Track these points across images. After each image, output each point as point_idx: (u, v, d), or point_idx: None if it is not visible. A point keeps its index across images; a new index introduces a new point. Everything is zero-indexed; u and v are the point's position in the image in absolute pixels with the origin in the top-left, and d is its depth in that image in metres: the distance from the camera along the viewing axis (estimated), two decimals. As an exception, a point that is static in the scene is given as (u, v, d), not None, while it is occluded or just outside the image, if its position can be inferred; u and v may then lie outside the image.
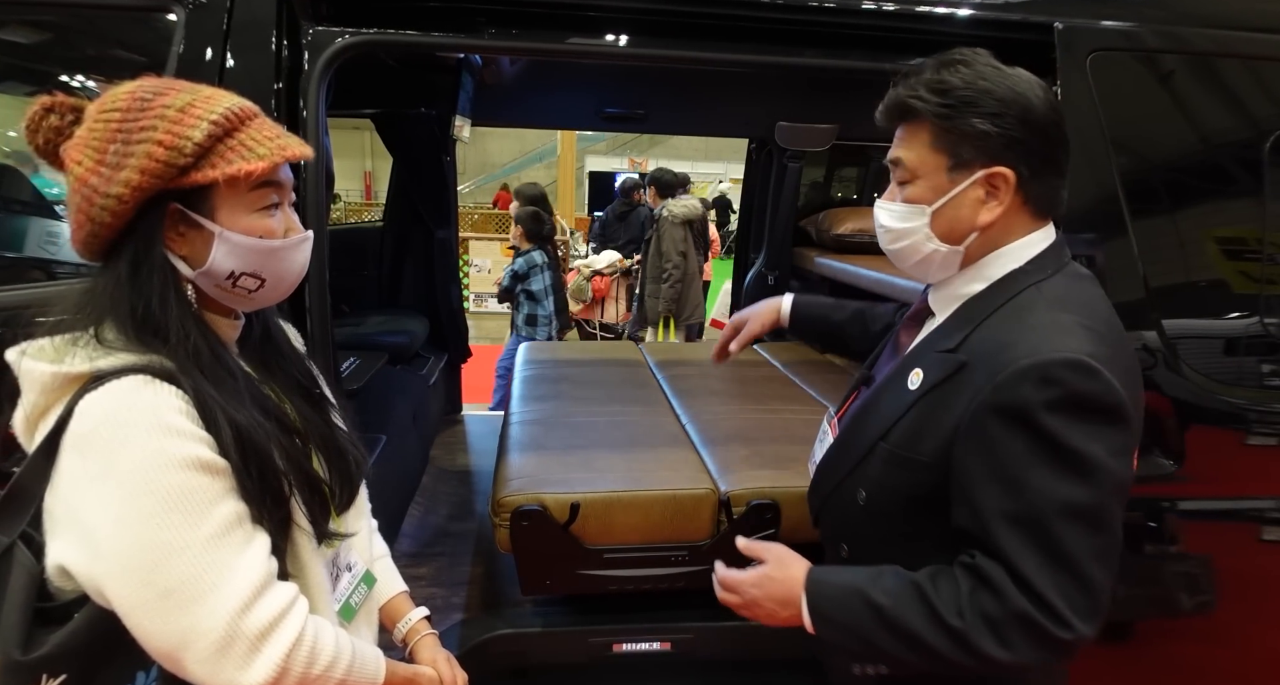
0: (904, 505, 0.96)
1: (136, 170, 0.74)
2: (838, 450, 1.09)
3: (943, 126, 0.90)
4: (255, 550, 0.77)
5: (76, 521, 0.73)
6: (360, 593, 0.98)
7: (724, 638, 1.80)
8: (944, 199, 0.92)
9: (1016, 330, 0.88)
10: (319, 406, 0.96)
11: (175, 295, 0.79)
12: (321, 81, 1.36)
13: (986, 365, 0.87)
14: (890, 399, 0.99)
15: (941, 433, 0.90)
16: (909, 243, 0.96)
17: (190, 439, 0.74)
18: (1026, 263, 0.95)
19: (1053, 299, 0.91)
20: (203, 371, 0.79)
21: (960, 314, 0.97)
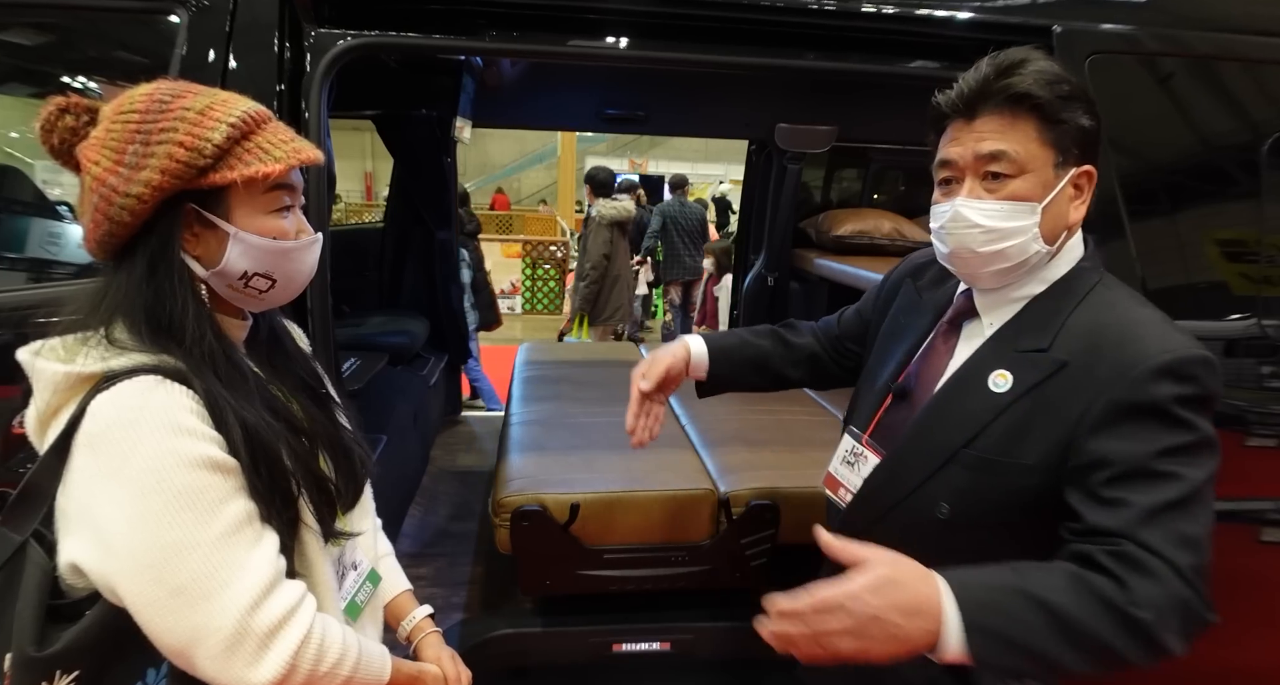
0: (998, 513, 0.92)
1: (157, 170, 0.76)
2: (896, 465, 1.02)
3: (1052, 119, 0.88)
4: (264, 548, 0.78)
5: (89, 520, 0.74)
6: (366, 591, 0.99)
7: (723, 638, 1.81)
8: (1051, 195, 0.90)
9: (1125, 326, 0.89)
10: (324, 406, 0.97)
11: (191, 295, 0.81)
12: (323, 83, 1.36)
13: (1109, 360, 0.86)
14: (968, 404, 0.95)
15: (1053, 432, 0.88)
16: (1015, 244, 0.91)
17: (201, 438, 0.75)
18: (1082, 260, 0.96)
19: (1130, 294, 0.94)
20: (216, 371, 0.80)
21: (1031, 316, 0.95)
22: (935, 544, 0.95)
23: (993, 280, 0.96)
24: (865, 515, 1.06)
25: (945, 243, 0.96)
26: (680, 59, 1.51)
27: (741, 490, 1.79)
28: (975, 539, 0.93)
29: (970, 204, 0.91)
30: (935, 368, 1.04)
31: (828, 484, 1.16)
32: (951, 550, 0.92)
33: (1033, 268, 0.94)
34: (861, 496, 1.07)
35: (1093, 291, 0.93)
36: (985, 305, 1.01)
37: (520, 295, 8.90)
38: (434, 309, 3.29)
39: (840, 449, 1.15)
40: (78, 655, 0.75)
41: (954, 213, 0.93)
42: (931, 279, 1.16)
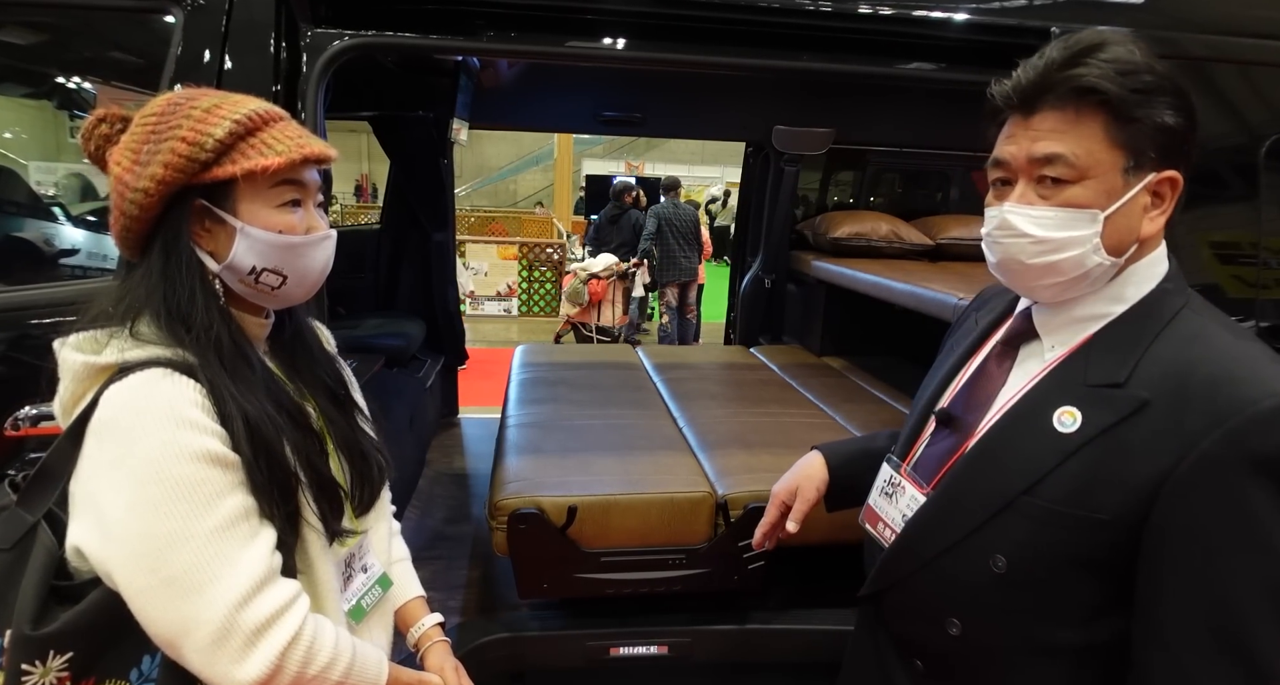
0: (1063, 571, 0.80)
1: (161, 165, 0.79)
2: (943, 508, 0.90)
3: (1125, 117, 0.76)
4: (259, 545, 0.78)
5: (92, 505, 0.76)
6: (374, 594, 0.98)
7: (722, 641, 1.80)
8: (1118, 204, 0.78)
9: (1219, 361, 0.75)
10: (344, 409, 0.97)
11: (201, 286, 0.83)
12: (320, 83, 1.36)
13: (1199, 405, 0.73)
14: (1030, 445, 0.82)
15: (1130, 485, 0.75)
16: (1071, 256, 0.79)
17: (203, 432, 0.77)
18: (1164, 281, 0.83)
19: (1223, 323, 0.80)
20: (221, 360, 0.81)
21: (1106, 342, 0.82)
22: (985, 602, 0.86)
23: (1051, 294, 0.84)
24: (907, 561, 0.93)
25: (993, 252, 0.85)
26: (677, 60, 1.51)
27: (739, 493, 1.78)
28: (1033, 599, 0.82)
29: (1019, 210, 0.80)
30: (985, 393, 0.92)
31: (867, 518, 1.04)
32: (1003, 610, 0.85)
33: (1098, 281, 0.82)
34: (905, 537, 0.94)
35: (1178, 318, 0.79)
36: (1046, 325, 0.88)
37: (516, 297, 8.89)
38: (430, 311, 3.28)
39: (879, 478, 1.04)
40: (72, 637, 0.76)
41: (1001, 219, 0.82)
42: (991, 307, 1.04)
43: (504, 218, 13.52)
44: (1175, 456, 0.72)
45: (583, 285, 6.84)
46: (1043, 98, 0.79)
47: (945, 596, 0.90)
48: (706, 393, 2.67)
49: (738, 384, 2.86)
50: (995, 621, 0.86)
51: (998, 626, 0.86)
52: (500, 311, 8.85)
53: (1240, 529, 0.70)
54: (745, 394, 2.67)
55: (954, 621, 0.88)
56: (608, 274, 6.82)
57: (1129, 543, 0.76)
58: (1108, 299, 0.83)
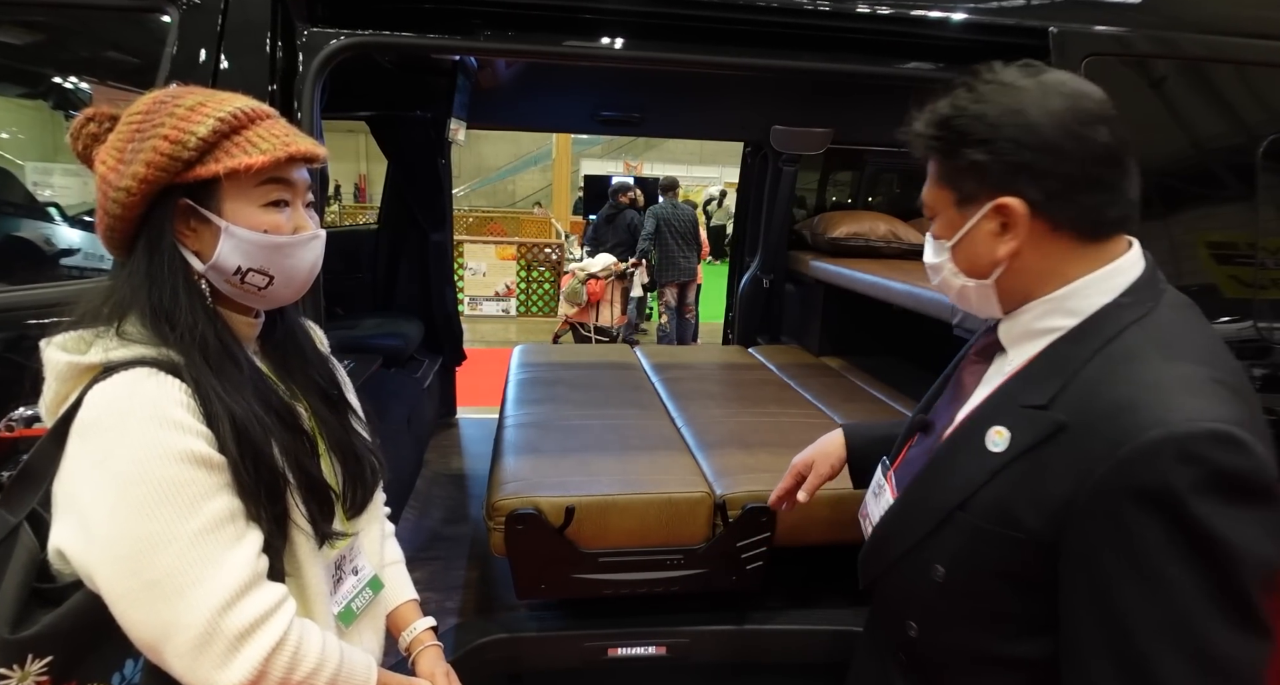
0: (993, 585, 0.82)
1: (142, 163, 0.78)
2: (901, 514, 0.95)
3: (947, 158, 0.85)
4: (245, 548, 0.77)
5: (74, 507, 0.75)
6: (364, 597, 0.97)
7: (720, 641, 1.80)
8: (958, 235, 0.86)
9: (1132, 387, 0.73)
10: (337, 410, 0.97)
11: (186, 285, 0.82)
12: (316, 83, 1.35)
13: (1101, 431, 0.72)
14: (966, 461, 0.85)
15: (1044, 506, 0.76)
16: (941, 278, 0.91)
17: (188, 433, 0.75)
18: (1121, 294, 0.81)
19: (1166, 342, 0.77)
20: (207, 360, 0.80)
21: (1048, 359, 0.83)
22: (931, 607, 0.90)
23: (975, 313, 0.93)
24: (876, 562, 0.98)
25: None
26: (676, 60, 1.51)
27: (737, 493, 1.78)
28: (973, 608, 0.85)
29: (928, 241, 0.94)
30: (956, 404, 0.95)
31: (862, 512, 1.09)
32: (947, 616, 0.88)
33: (982, 300, 0.88)
34: (875, 538, 1.00)
35: (1121, 336, 0.78)
36: (1006, 336, 0.90)
37: (515, 298, 8.89)
38: (428, 311, 3.28)
39: (873, 478, 1.08)
40: (52, 640, 0.75)
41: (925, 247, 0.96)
42: None
43: (502, 218, 13.52)
44: (1079, 482, 0.73)
45: (581, 285, 6.84)
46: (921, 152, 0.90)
47: (901, 600, 0.94)
48: (705, 393, 2.66)
49: (736, 384, 2.85)
50: (941, 628, 0.90)
51: (944, 633, 0.89)
52: (498, 312, 8.85)
53: (1131, 560, 0.70)
54: (744, 394, 2.67)
55: (911, 624, 0.92)
56: (606, 274, 6.82)
57: (1048, 563, 0.76)
58: (1058, 311, 0.83)
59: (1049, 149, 0.78)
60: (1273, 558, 0.69)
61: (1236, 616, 0.68)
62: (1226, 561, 0.68)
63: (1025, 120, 0.79)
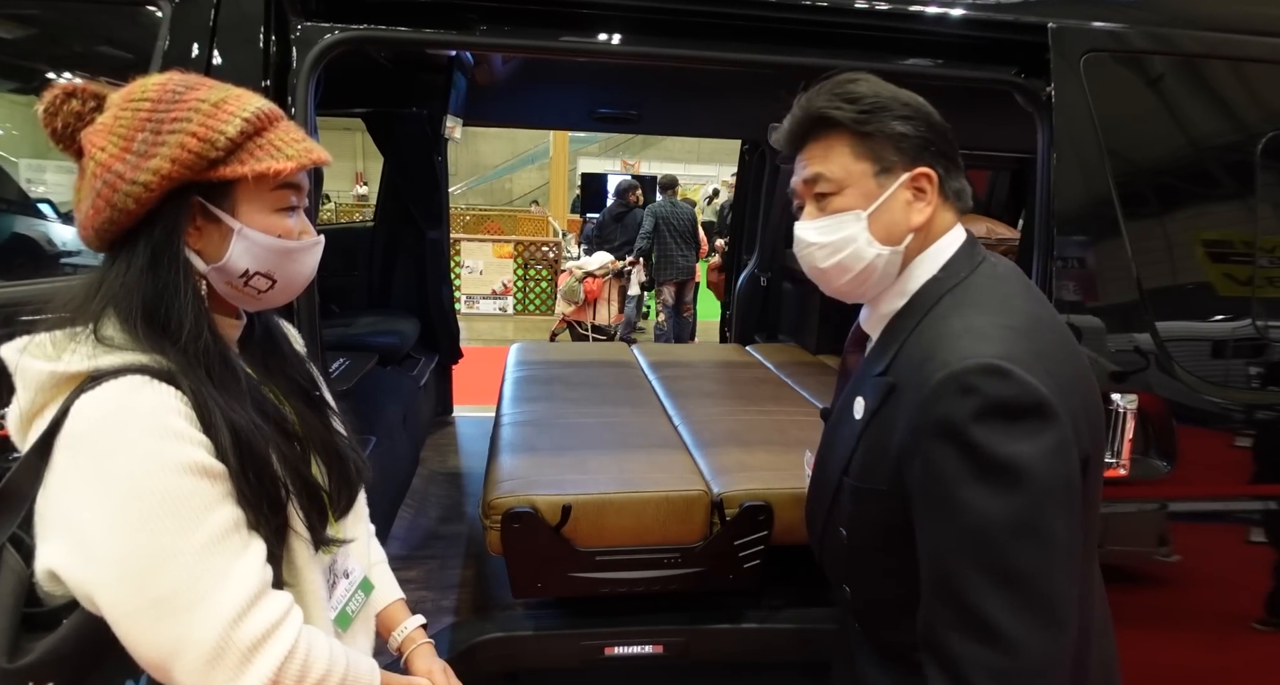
0: (882, 537, 0.92)
1: (168, 159, 0.75)
2: (813, 490, 1.07)
3: (862, 133, 0.90)
4: (251, 558, 0.75)
5: (68, 525, 0.72)
6: (357, 600, 0.96)
7: (717, 640, 1.79)
8: (877, 203, 0.91)
9: (933, 342, 0.86)
10: (319, 410, 0.95)
11: (191, 288, 0.79)
12: (310, 78, 1.34)
13: (913, 383, 0.85)
14: (843, 432, 0.97)
15: (889, 460, 0.88)
16: (849, 252, 0.93)
17: (188, 442, 0.73)
18: (939, 270, 0.93)
19: (968, 303, 0.89)
20: (210, 371, 0.78)
21: (885, 334, 0.96)
22: (851, 568, 1.00)
23: (853, 293, 0.97)
24: (812, 538, 1.08)
25: (801, 265, 1.00)
26: (674, 56, 1.50)
27: (735, 491, 1.77)
28: (878, 563, 0.95)
29: (805, 225, 0.96)
30: (843, 389, 1.06)
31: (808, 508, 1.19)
32: (864, 574, 0.98)
33: (888, 272, 0.94)
34: (806, 518, 1.11)
35: (938, 304, 0.90)
36: (868, 324, 1.01)
37: (512, 296, 8.87)
38: (425, 309, 3.27)
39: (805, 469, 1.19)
40: (52, 666, 0.72)
41: (796, 236, 0.98)
42: None
43: (499, 216, 13.50)
44: (906, 429, 0.85)
45: (578, 284, 6.83)
46: (802, 137, 0.95)
47: (833, 566, 1.05)
48: (702, 391, 2.66)
49: (733, 382, 2.85)
50: (862, 584, 0.99)
51: (866, 588, 0.99)
52: (495, 310, 8.83)
53: (935, 489, 0.81)
54: (741, 392, 2.66)
55: (845, 588, 1.02)
56: (603, 272, 6.81)
57: (907, 508, 0.86)
58: (896, 294, 0.95)
59: (943, 133, 0.93)
60: (1054, 472, 0.79)
61: (1026, 529, 0.78)
62: (1009, 478, 0.77)
63: (928, 108, 0.92)
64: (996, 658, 0.78)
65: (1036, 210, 1.47)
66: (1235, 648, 1.61)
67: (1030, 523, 0.78)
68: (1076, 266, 1.43)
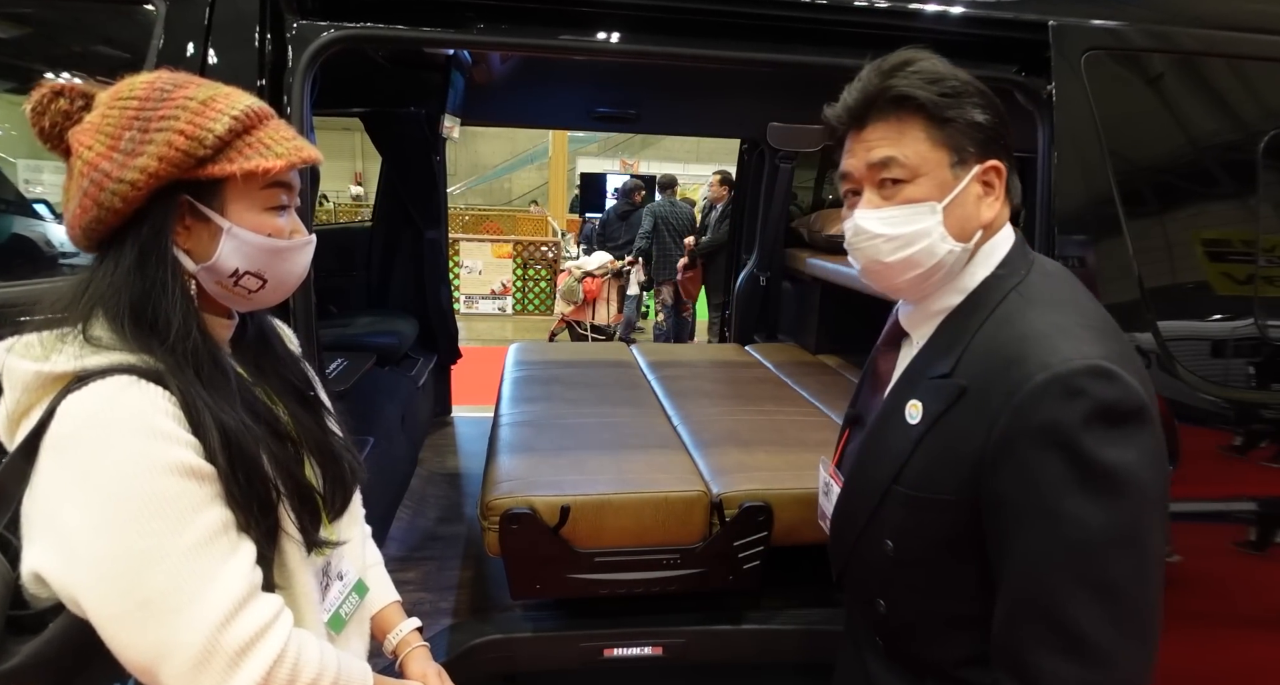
0: (939, 550, 0.88)
1: (155, 157, 0.74)
2: (848, 499, 1.00)
3: (942, 118, 0.84)
4: (239, 560, 0.74)
5: (53, 527, 0.71)
6: (351, 602, 0.96)
7: (716, 642, 1.78)
8: (952, 195, 0.86)
9: (1016, 342, 0.81)
10: (314, 410, 0.94)
11: (180, 288, 0.78)
12: (306, 77, 1.33)
13: (997, 386, 0.80)
14: (892, 437, 0.91)
15: (962, 467, 0.82)
16: (922, 247, 0.86)
17: (176, 443, 0.72)
18: (998, 267, 0.89)
19: (1041, 301, 0.85)
20: (199, 372, 0.77)
21: (943, 333, 0.90)
22: (891, 581, 0.94)
23: (912, 291, 0.91)
24: (839, 551, 1.03)
25: (856, 258, 0.92)
26: (673, 54, 1.49)
27: (734, 492, 1.76)
28: (928, 577, 0.90)
29: (869, 214, 0.88)
30: (877, 392, 1.00)
31: (819, 516, 1.14)
32: (907, 588, 0.93)
33: (954, 270, 0.89)
34: (832, 528, 1.05)
35: (1004, 302, 0.86)
36: (910, 322, 0.96)
37: (511, 296, 8.86)
38: (423, 309, 3.26)
39: (819, 480, 1.15)
40: (37, 670, 0.72)
41: (854, 227, 0.89)
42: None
43: (498, 216, 13.48)
44: (986, 436, 0.80)
45: (578, 283, 6.82)
46: (870, 112, 0.87)
47: (865, 580, 0.99)
48: (701, 391, 2.65)
49: (733, 382, 2.84)
50: (904, 599, 0.94)
51: (908, 604, 0.94)
52: (494, 310, 8.82)
53: (1033, 499, 0.76)
54: (740, 392, 2.66)
55: (879, 601, 0.96)
56: (602, 272, 6.81)
57: (976, 520, 0.82)
58: (952, 291, 0.90)
59: (1007, 122, 0.87)
60: (1154, 479, 0.76)
61: (1130, 542, 0.74)
62: (1114, 487, 0.74)
63: (992, 93, 0.87)
64: (1090, 674, 0.74)
65: (1037, 209, 1.47)
66: (1239, 650, 1.60)
67: (1132, 532, 0.75)
68: (1077, 265, 1.42)
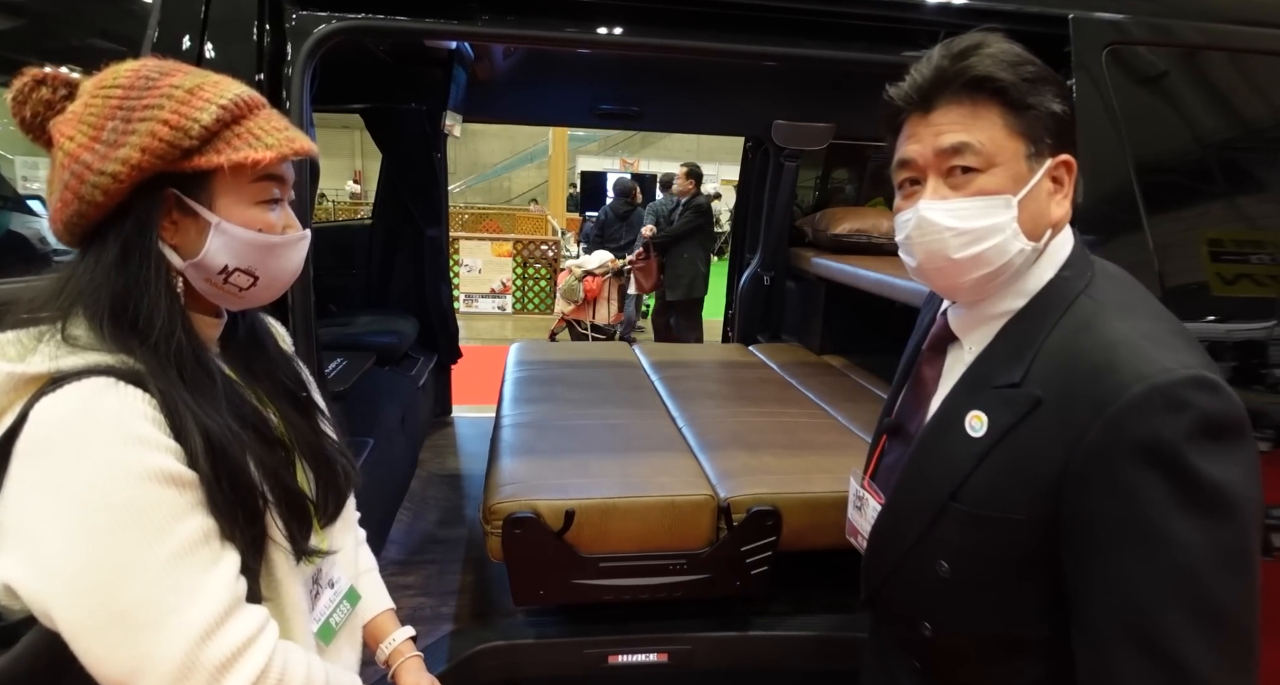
0: (1001, 571, 0.82)
1: (138, 148, 0.71)
2: (891, 517, 0.94)
3: (1021, 104, 0.77)
4: (222, 571, 0.71)
5: (25, 536, 0.67)
6: (342, 611, 0.92)
7: (723, 648, 1.75)
8: (1027, 188, 0.79)
9: (1103, 350, 0.74)
10: (307, 413, 0.91)
11: (165, 286, 0.75)
12: (306, 69, 1.29)
13: (1083, 396, 0.73)
14: (949, 450, 0.84)
15: (1036, 483, 0.76)
16: (993, 244, 0.78)
17: (156, 448, 0.68)
18: (1062, 269, 0.83)
19: (1116, 306, 0.79)
20: (182, 373, 0.73)
21: (1006, 340, 0.83)
22: (942, 604, 0.88)
23: (973, 292, 0.84)
24: (878, 570, 0.97)
25: (914, 254, 0.84)
26: (678, 46, 1.45)
27: (742, 495, 1.73)
28: (983, 601, 0.84)
29: (935, 206, 0.80)
30: (921, 400, 0.94)
31: (849, 531, 1.08)
32: (961, 610, 0.87)
33: (1021, 270, 0.82)
34: (870, 547, 0.99)
35: (1074, 306, 0.80)
36: (962, 326, 0.90)
37: (511, 294, 8.83)
38: (423, 308, 3.22)
39: (850, 493, 1.08)
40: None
41: (918, 219, 0.81)
42: (932, 304, 1.05)
43: (498, 215, 13.44)
44: (1069, 450, 0.73)
45: (578, 282, 6.79)
46: (940, 93, 0.80)
47: (911, 601, 0.93)
48: (705, 392, 2.61)
49: (737, 383, 2.80)
50: (956, 623, 0.88)
51: (960, 628, 0.88)
52: (494, 309, 8.79)
53: (1131, 520, 0.70)
54: (745, 393, 2.62)
55: (925, 624, 0.90)
56: (603, 271, 6.77)
57: (1050, 542, 0.76)
58: (1012, 294, 0.83)
59: (1075, 116, 0.81)
60: (1256, 496, 0.71)
61: (1235, 564, 0.69)
62: (1221, 505, 0.68)
63: (1067, 85, 0.82)
64: None
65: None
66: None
67: (1238, 554, 0.70)
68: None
